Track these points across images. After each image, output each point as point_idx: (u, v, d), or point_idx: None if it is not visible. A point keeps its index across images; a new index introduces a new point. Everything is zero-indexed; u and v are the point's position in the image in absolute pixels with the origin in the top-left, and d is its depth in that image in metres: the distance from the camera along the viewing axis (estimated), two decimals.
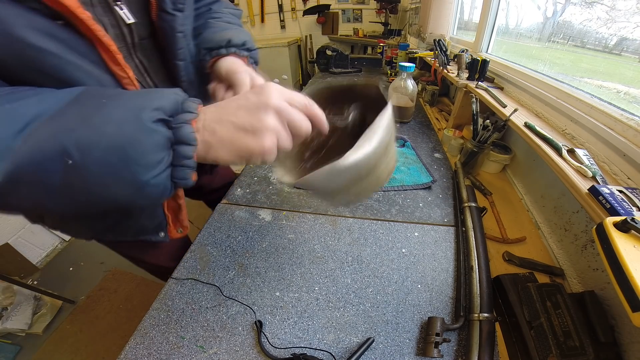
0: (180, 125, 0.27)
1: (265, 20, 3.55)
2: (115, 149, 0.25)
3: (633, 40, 0.64)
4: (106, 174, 0.25)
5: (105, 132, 0.25)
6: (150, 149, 0.26)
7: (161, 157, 0.27)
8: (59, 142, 0.24)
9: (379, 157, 0.31)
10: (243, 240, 0.60)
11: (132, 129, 0.25)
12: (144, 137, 0.26)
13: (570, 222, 0.57)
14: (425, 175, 0.78)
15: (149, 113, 0.26)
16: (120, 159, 0.25)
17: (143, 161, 0.26)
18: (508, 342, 0.45)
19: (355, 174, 0.30)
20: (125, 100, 0.27)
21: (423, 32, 1.74)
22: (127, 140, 0.25)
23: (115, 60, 0.37)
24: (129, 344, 0.43)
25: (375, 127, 0.30)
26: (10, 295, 1.31)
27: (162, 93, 0.29)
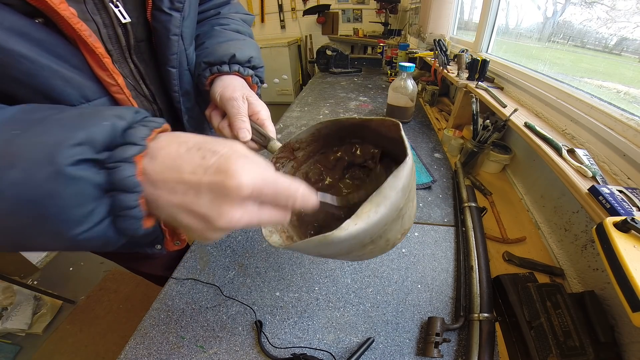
0: (117, 166, 0.20)
1: (265, 20, 3.55)
2: (26, 201, 0.19)
3: (633, 40, 0.64)
4: (24, 227, 0.19)
5: (10, 180, 0.18)
6: (71, 203, 0.19)
7: (89, 210, 0.20)
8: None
9: (388, 224, 0.25)
10: (243, 240, 0.60)
11: (43, 177, 0.18)
12: (59, 187, 0.19)
13: (570, 222, 0.57)
14: (425, 175, 0.78)
15: (67, 151, 0.19)
16: (33, 214, 0.19)
17: (64, 217, 0.19)
18: (508, 342, 0.45)
19: (357, 242, 0.25)
20: (43, 129, 0.20)
21: (423, 32, 1.74)
22: (37, 192, 0.18)
23: (102, 65, 0.33)
24: (129, 344, 0.43)
25: (385, 191, 0.23)
26: (10, 295, 1.31)
27: (98, 117, 0.21)
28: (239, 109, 0.38)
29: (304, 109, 1.31)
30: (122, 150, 0.20)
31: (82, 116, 0.21)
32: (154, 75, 0.43)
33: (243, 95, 0.39)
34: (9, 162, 0.19)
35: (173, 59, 0.41)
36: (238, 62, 0.43)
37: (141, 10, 0.37)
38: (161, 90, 0.45)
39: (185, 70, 0.44)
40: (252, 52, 0.46)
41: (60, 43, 0.30)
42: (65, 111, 0.22)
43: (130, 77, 0.40)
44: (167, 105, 0.47)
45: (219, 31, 0.49)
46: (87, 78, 0.33)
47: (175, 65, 0.42)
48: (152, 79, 0.43)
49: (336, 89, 1.56)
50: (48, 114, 0.21)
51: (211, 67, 0.43)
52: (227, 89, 0.40)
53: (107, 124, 0.21)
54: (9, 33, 0.25)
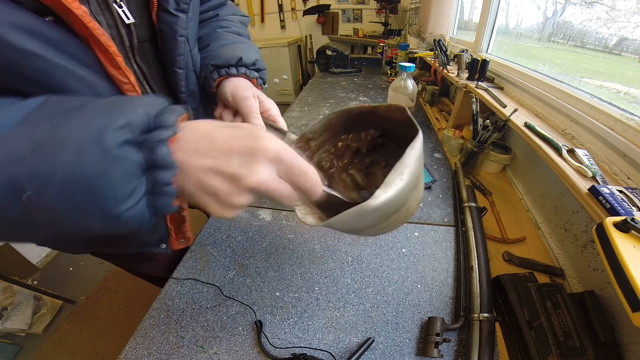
0: (154, 146, 0.22)
1: (265, 20, 3.55)
2: (76, 182, 0.20)
3: (633, 40, 0.64)
4: (70, 209, 0.21)
5: (59, 162, 0.20)
6: (118, 180, 0.21)
7: (133, 187, 0.21)
8: (7, 175, 0.19)
9: (409, 192, 0.28)
10: (243, 240, 0.60)
11: (93, 158, 0.20)
12: (108, 166, 0.20)
13: (570, 222, 0.57)
14: (425, 175, 0.78)
15: (112, 134, 0.20)
16: (84, 193, 0.20)
17: (111, 194, 0.21)
18: (508, 342, 0.45)
19: (385, 212, 0.27)
20: (85, 116, 0.22)
21: (423, 32, 1.74)
22: (88, 171, 0.20)
23: (115, 63, 0.33)
24: (129, 344, 0.43)
25: (406, 160, 0.26)
26: (10, 295, 1.31)
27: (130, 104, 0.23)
28: (252, 107, 0.40)
29: (304, 109, 1.31)
30: (157, 133, 0.22)
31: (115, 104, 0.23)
32: (157, 76, 0.43)
33: (254, 94, 0.41)
34: (58, 146, 0.20)
35: (180, 60, 0.42)
36: (244, 65, 0.45)
37: (144, 11, 0.38)
38: (165, 92, 0.45)
39: (190, 71, 0.45)
40: (256, 55, 0.47)
41: (72, 42, 0.30)
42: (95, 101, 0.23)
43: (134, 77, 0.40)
44: None
45: (221, 33, 0.50)
46: (99, 77, 0.33)
47: (183, 67, 0.42)
48: (156, 80, 0.43)
49: (336, 89, 1.57)
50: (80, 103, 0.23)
51: (219, 70, 0.44)
52: (238, 89, 0.42)
53: (141, 110, 0.22)
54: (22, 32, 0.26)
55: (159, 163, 0.22)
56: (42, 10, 0.27)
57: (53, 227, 0.22)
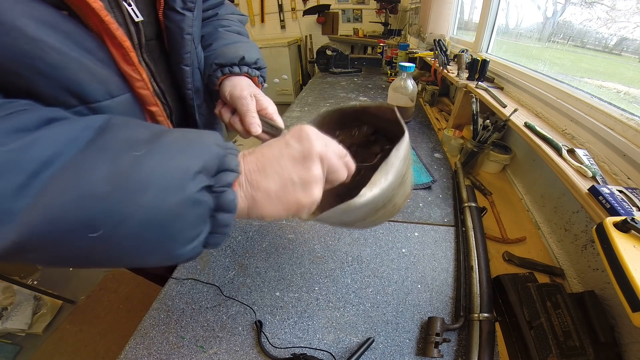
0: (223, 190, 0.22)
1: (265, 20, 3.55)
2: (152, 224, 0.20)
3: (633, 40, 0.64)
4: (137, 248, 0.21)
5: (142, 203, 0.19)
6: (191, 224, 0.21)
7: (200, 230, 0.22)
8: (83, 212, 0.18)
9: (395, 189, 0.30)
10: (243, 240, 0.60)
11: (175, 202, 0.20)
12: (186, 211, 0.21)
13: (570, 222, 0.57)
14: (425, 175, 0.78)
15: (194, 180, 0.21)
16: (156, 236, 0.20)
17: (181, 237, 0.21)
18: (508, 342, 0.45)
19: (372, 207, 0.29)
20: (163, 152, 0.21)
21: (423, 32, 1.74)
22: (167, 214, 0.20)
23: (128, 59, 0.33)
24: (129, 344, 0.43)
25: (392, 160, 0.28)
26: (10, 295, 1.31)
27: (202, 142, 0.23)
28: (248, 106, 0.41)
29: (304, 109, 1.31)
30: (225, 176, 0.23)
31: (190, 140, 0.23)
32: (164, 73, 0.44)
33: (251, 94, 0.42)
34: (140, 187, 0.19)
35: (187, 57, 0.42)
36: (246, 64, 0.46)
37: (151, 9, 0.38)
38: (171, 89, 0.46)
39: (196, 69, 0.46)
40: (257, 54, 0.49)
41: (88, 36, 0.29)
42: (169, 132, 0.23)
43: None
44: (177, 103, 0.48)
45: (223, 32, 0.51)
46: (112, 73, 0.33)
47: (189, 64, 0.43)
48: (163, 77, 0.44)
49: (336, 89, 1.56)
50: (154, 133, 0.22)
51: (222, 69, 0.45)
52: (236, 88, 0.43)
53: (214, 150, 0.23)
54: (39, 24, 0.25)
55: (225, 207, 0.23)
56: (58, 4, 0.27)
57: (108, 261, 0.21)
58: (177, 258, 0.23)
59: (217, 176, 0.23)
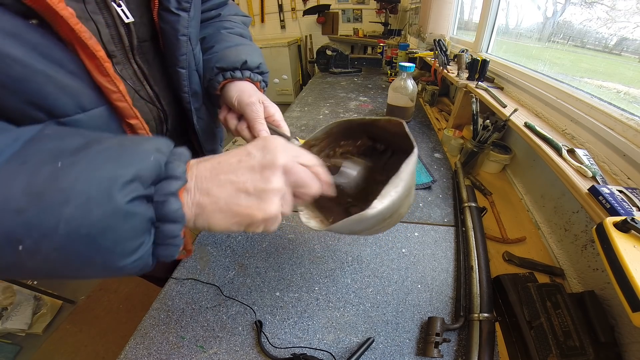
0: (165, 200, 0.21)
1: (265, 20, 3.55)
2: (80, 236, 0.19)
3: (633, 40, 0.64)
4: (71, 260, 0.20)
5: (63, 215, 0.18)
6: (126, 236, 0.20)
7: (140, 242, 0.21)
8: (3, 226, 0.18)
9: (402, 201, 0.31)
10: (243, 240, 0.60)
11: (101, 213, 0.19)
12: (117, 223, 0.19)
13: (570, 222, 0.57)
14: (425, 175, 0.78)
15: (123, 190, 0.19)
16: (87, 247, 0.19)
17: (118, 249, 0.20)
18: (508, 342, 0.45)
19: (380, 218, 0.30)
20: (91, 163, 0.20)
21: (423, 32, 1.74)
22: (94, 227, 0.19)
23: (103, 70, 0.31)
24: (129, 344, 0.43)
25: (402, 174, 0.30)
26: (10, 295, 1.31)
27: (139, 148, 0.22)
28: (257, 112, 0.41)
29: (304, 109, 1.31)
30: (167, 184, 0.22)
31: (124, 148, 0.21)
32: (158, 76, 0.43)
33: (259, 100, 0.42)
34: (62, 198, 0.18)
35: (183, 59, 0.41)
36: (249, 68, 0.45)
37: (145, 10, 0.37)
38: (166, 92, 0.45)
39: (193, 71, 0.45)
40: (260, 58, 0.48)
41: (56, 46, 0.28)
42: (100, 139, 0.22)
43: (133, 78, 0.39)
44: (173, 107, 0.47)
45: (225, 35, 0.50)
46: (84, 85, 0.31)
47: (185, 66, 0.42)
48: (157, 80, 0.42)
49: (336, 89, 1.56)
50: (84, 142, 0.21)
51: (224, 73, 0.44)
52: (244, 94, 0.42)
53: (152, 159, 0.21)
54: (1, 35, 0.24)
55: (169, 218, 0.22)
56: (26, 13, 0.25)
57: (48, 273, 0.21)
58: (121, 270, 0.21)
59: (158, 185, 0.21)
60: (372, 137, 0.46)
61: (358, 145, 0.47)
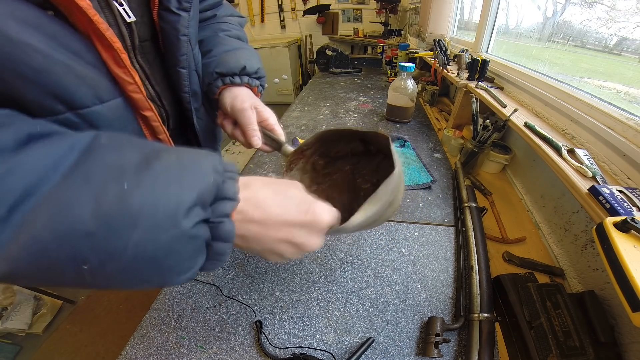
0: (220, 221, 0.22)
1: (265, 20, 3.55)
2: (146, 259, 0.19)
3: (633, 40, 0.64)
4: (130, 280, 0.20)
5: (132, 240, 0.18)
6: (186, 258, 0.21)
7: (196, 262, 0.22)
8: (69, 248, 0.17)
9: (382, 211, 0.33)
10: None
11: (168, 239, 0.19)
12: (181, 246, 0.20)
13: (570, 222, 0.57)
14: (425, 175, 0.78)
15: (188, 216, 0.20)
16: (149, 270, 0.20)
17: (176, 269, 0.21)
18: (508, 342, 0.45)
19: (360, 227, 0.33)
20: (153, 182, 0.20)
21: (423, 32, 1.74)
22: (159, 251, 0.19)
23: (119, 61, 0.31)
24: (129, 344, 0.43)
25: (379, 194, 0.31)
26: (10, 295, 1.31)
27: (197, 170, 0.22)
28: (249, 118, 0.42)
29: (304, 109, 1.31)
30: (222, 205, 0.22)
31: (184, 167, 0.22)
32: (159, 76, 0.43)
33: (251, 105, 0.43)
34: (131, 222, 0.18)
35: (183, 59, 0.41)
36: (247, 74, 0.46)
37: (145, 10, 0.37)
38: (167, 92, 0.45)
39: (193, 71, 0.45)
40: (258, 62, 0.49)
41: (74, 37, 0.28)
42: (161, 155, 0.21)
43: None
44: (174, 107, 0.47)
45: (223, 38, 0.50)
46: (101, 76, 0.31)
47: (185, 66, 0.42)
48: (158, 80, 0.42)
49: (336, 89, 1.56)
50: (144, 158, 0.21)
51: (223, 78, 0.45)
52: (237, 100, 0.43)
53: (212, 181, 0.22)
54: (22, 24, 0.24)
55: (222, 238, 0.23)
56: (43, 4, 0.26)
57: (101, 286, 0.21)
58: (171, 284, 0.23)
59: (214, 206, 0.22)
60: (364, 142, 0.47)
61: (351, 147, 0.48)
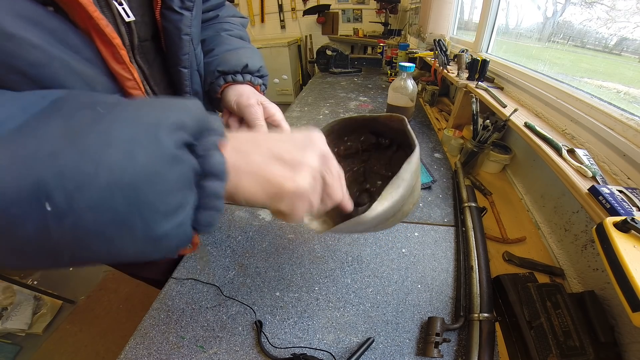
0: (208, 152, 0.19)
1: (265, 20, 3.55)
2: (122, 187, 0.16)
3: (633, 40, 0.64)
4: (106, 225, 0.16)
5: (104, 160, 0.15)
6: (172, 188, 0.17)
7: (184, 199, 0.18)
8: (30, 173, 0.14)
9: (405, 200, 0.30)
10: (243, 240, 0.60)
11: (147, 157, 0.16)
12: (164, 169, 0.17)
13: (570, 222, 0.57)
14: (425, 175, 0.78)
15: (171, 133, 0.17)
16: (128, 203, 0.16)
17: (162, 206, 0.17)
18: (508, 342, 0.45)
19: (382, 219, 0.30)
20: (131, 110, 0.18)
21: (423, 32, 1.74)
22: (140, 174, 0.16)
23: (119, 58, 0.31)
24: (129, 344, 0.43)
25: (403, 174, 0.29)
26: (10, 295, 1.31)
27: (177, 102, 0.20)
28: (256, 114, 0.41)
29: (304, 109, 1.31)
30: (210, 136, 0.20)
31: (162, 101, 0.20)
32: (158, 76, 0.42)
33: (258, 101, 0.42)
34: (104, 140, 0.16)
35: (185, 59, 0.41)
36: (249, 72, 0.46)
37: (146, 9, 0.36)
38: (167, 92, 0.45)
39: (194, 71, 0.45)
40: (260, 61, 0.48)
41: (73, 33, 0.28)
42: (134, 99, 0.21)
43: None
44: None
45: (225, 37, 0.50)
46: (99, 73, 0.31)
47: (187, 66, 0.42)
48: (157, 81, 0.42)
49: (336, 89, 1.56)
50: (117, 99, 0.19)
51: (225, 76, 0.45)
52: (242, 97, 0.42)
53: (194, 109, 0.20)
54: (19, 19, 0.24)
55: (212, 172, 0.19)
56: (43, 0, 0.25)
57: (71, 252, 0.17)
58: (159, 241, 0.18)
59: (201, 138, 0.20)
60: (376, 133, 0.46)
61: (362, 141, 0.47)
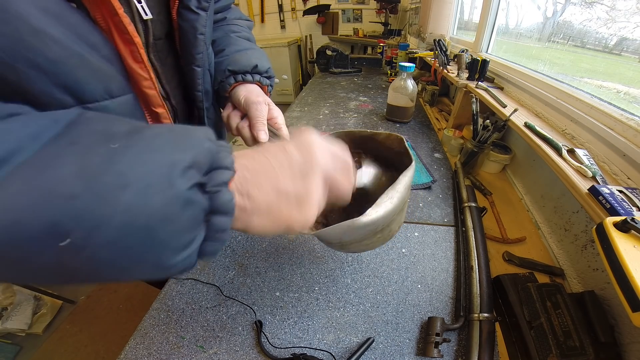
0: (218, 190, 0.20)
1: (265, 20, 3.55)
2: (137, 227, 0.16)
3: (633, 40, 0.64)
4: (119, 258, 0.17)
5: (121, 202, 0.16)
6: (183, 228, 0.18)
7: (195, 235, 0.19)
8: (48, 215, 0.15)
9: (396, 214, 0.31)
10: (243, 240, 0.60)
11: (162, 201, 0.17)
12: (177, 211, 0.17)
13: (570, 222, 0.57)
14: (425, 175, 0.78)
15: (184, 176, 0.18)
16: (142, 241, 0.17)
17: (173, 243, 0.18)
18: (508, 342, 0.45)
19: (373, 229, 0.30)
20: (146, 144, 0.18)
21: (423, 32, 1.74)
22: (153, 217, 0.17)
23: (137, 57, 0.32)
24: (129, 344, 0.43)
25: (398, 186, 0.29)
26: (10, 295, 1.31)
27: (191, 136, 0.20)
28: (261, 112, 0.41)
29: (304, 109, 1.31)
30: (220, 174, 0.20)
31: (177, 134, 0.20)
32: (170, 74, 0.43)
33: (265, 101, 0.43)
34: (121, 182, 0.16)
35: (199, 58, 0.42)
36: (259, 72, 0.47)
37: (162, 7, 0.37)
38: (177, 90, 0.45)
39: (206, 70, 0.45)
40: (268, 63, 0.49)
41: (94, 30, 0.28)
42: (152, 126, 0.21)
43: None
44: (183, 106, 0.48)
45: (234, 38, 0.51)
46: (116, 71, 0.31)
47: (200, 65, 0.43)
48: (169, 79, 0.43)
49: (336, 89, 1.56)
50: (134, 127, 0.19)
51: (235, 75, 0.46)
52: (252, 93, 0.43)
53: (206, 146, 0.20)
54: (44, 13, 0.23)
55: (221, 209, 0.20)
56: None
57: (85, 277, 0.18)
58: (167, 269, 0.19)
59: (210, 174, 0.20)
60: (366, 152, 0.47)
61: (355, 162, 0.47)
